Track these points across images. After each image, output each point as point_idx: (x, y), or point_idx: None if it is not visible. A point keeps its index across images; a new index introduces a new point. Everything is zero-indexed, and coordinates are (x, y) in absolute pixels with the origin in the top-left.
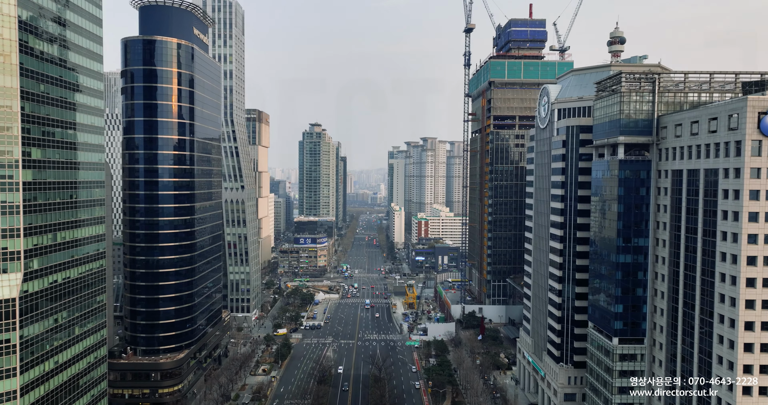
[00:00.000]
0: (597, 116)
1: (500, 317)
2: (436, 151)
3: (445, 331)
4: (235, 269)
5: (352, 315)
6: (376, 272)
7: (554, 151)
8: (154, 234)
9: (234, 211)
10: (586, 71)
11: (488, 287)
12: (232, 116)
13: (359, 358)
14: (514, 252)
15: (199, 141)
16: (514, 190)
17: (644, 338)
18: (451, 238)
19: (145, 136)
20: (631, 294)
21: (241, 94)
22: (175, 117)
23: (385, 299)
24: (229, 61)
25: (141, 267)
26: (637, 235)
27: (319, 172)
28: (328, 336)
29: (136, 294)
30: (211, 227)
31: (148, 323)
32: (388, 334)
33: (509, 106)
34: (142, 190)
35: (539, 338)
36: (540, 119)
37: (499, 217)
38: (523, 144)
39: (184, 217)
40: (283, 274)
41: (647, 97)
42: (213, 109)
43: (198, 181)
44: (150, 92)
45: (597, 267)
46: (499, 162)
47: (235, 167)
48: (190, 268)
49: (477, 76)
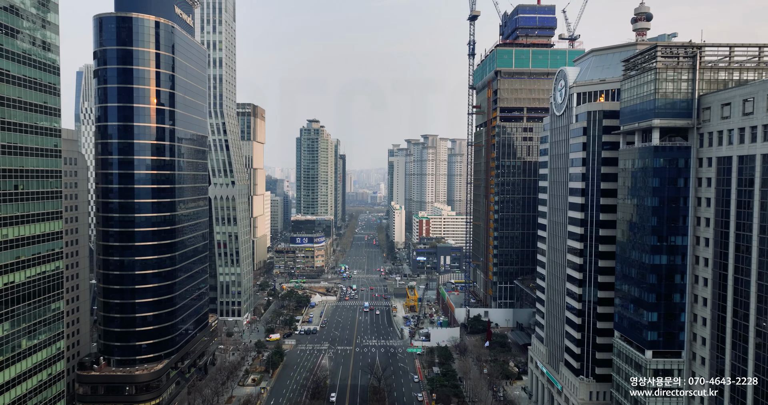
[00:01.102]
0: (625, 98)
1: (507, 321)
2: (438, 149)
3: (448, 337)
4: (225, 270)
5: (350, 318)
6: (376, 273)
7: (573, 140)
8: (130, 232)
9: (224, 208)
10: (609, 51)
11: (494, 289)
12: (221, 107)
13: (357, 366)
14: (521, 252)
15: (181, 130)
16: (522, 186)
17: (682, 351)
18: (453, 237)
19: (119, 124)
20: (667, 300)
21: (231, 84)
22: (153, 103)
23: (385, 302)
24: (218, 49)
25: (115, 268)
26: (674, 233)
27: (317, 170)
28: (324, 342)
29: (110, 298)
30: (195, 225)
31: (123, 331)
32: (388, 340)
33: (517, 96)
34: (116, 183)
35: (555, 347)
36: (555, 106)
37: (505, 215)
38: (532, 137)
39: (163, 213)
40: (279, 274)
41: (686, 75)
42: (198, 97)
43: (180, 174)
44: (125, 75)
45: (625, 269)
46: (505, 156)
47: (225, 161)
48: (171, 269)
49: (482, 66)
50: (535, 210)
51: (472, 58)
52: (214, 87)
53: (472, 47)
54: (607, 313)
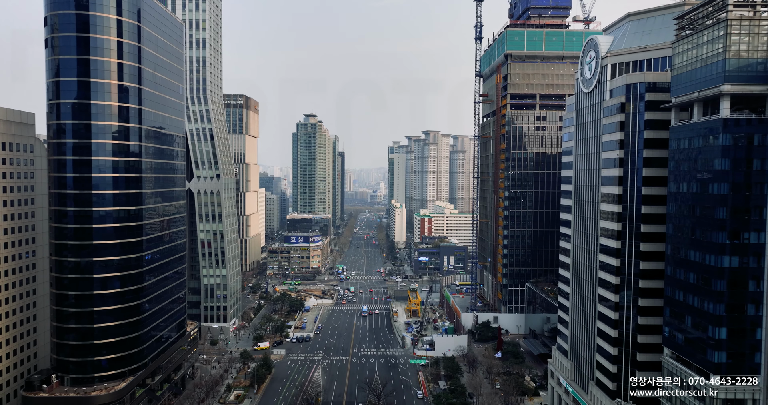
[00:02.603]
0: (679, 64)
1: (518, 327)
2: (439, 145)
3: (455, 346)
4: (210, 272)
5: (347, 324)
6: (376, 274)
7: (606, 120)
8: (87, 228)
9: (207, 203)
10: (650, 14)
11: (504, 292)
12: (205, 93)
13: (354, 379)
14: (534, 252)
15: (151, 112)
16: (535, 180)
17: (757, 377)
18: (456, 236)
19: (75, 101)
20: (738, 313)
21: (217, 69)
22: (114, 78)
23: (385, 305)
24: (201, 28)
25: (71, 271)
26: (748, 228)
27: (314, 166)
28: (318, 351)
29: (65, 306)
30: (170, 221)
31: (80, 344)
32: (388, 348)
33: (528, 82)
34: (70, 171)
35: (582, 362)
36: (583, 82)
37: (516, 211)
38: (545, 127)
39: (128, 207)
40: (272, 276)
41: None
42: (173, 76)
43: (150, 163)
44: (81, 45)
45: (680, 273)
46: (516, 148)
47: (210, 152)
48: (138, 272)
49: (490, 50)
50: (549, 205)
51: (479, 42)
52: (197, 70)
53: (479, 30)
54: (651, 325)
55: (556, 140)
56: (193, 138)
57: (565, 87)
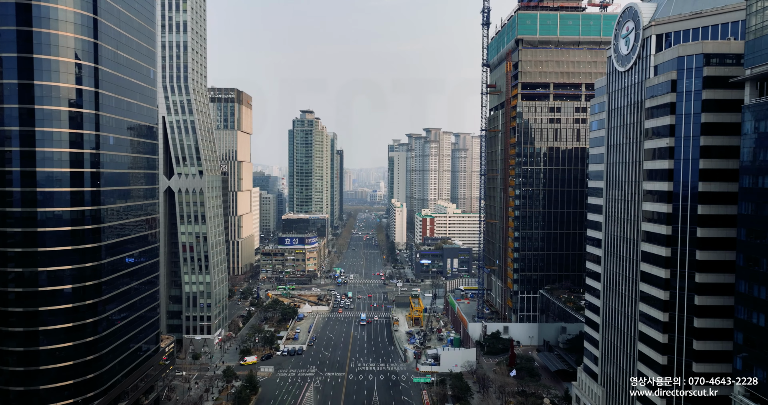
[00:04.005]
0: (757, 26)
1: (531, 338)
2: (441, 143)
3: (462, 361)
4: (192, 279)
5: (343, 334)
6: (375, 278)
7: (651, 101)
8: (31, 233)
9: (189, 203)
10: None
11: (514, 300)
12: (186, 81)
13: (350, 401)
14: (547, 255)
15: (112, 97)
16: (549, 177)
17: None
18: (460, 237)
19: (16, 82)
20: None
21: (200, 55)
22: (65, 54)
23: (385, 313)
24: (182, 10)
25: (13, 283)
26: None
27: (311, 165)
28: (311, 366)
29: (6, 325)
30: (139, 223)
31: (24, 370)
32: (388, 363)
33: (542, 70)
34: (14, 164)
35: (618, 390)
36: (618, 59)
37: (528, 211)
38: (560, 118)
39: (83, 207)
40: (266, 280)
41: None
42: (140, 56)
43: (111, 156)
44: (22, 14)
45: (758, 290)
46: (529, 142)
47: (192, 147)
48: (95, 283)
49: (499, 36)
50: (565, 205)
51: (486, 28)
52: (177, 56)
53: (486, 15)
54: (711, 351)
55: (572, 133)
56: (173, 131)
57: (581, 75)
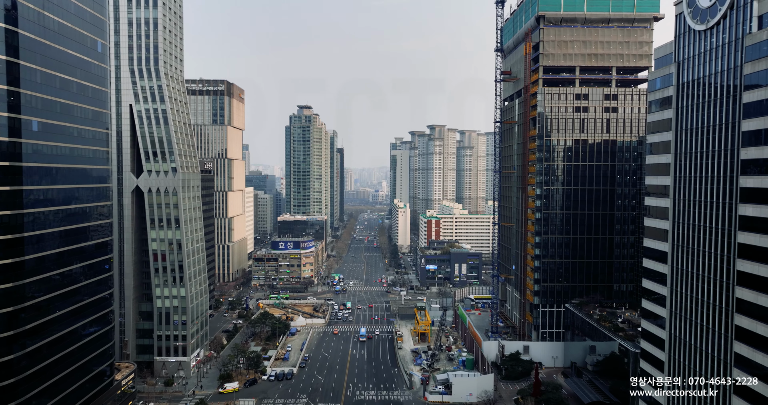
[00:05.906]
0: None
1: (555, 359)
2: (445, 141)
3: (478, 390)
4: (165, 292)
5: (340, 353)
6: (376, 284)
7: (751, 65)
8: None
9: (161, 205)
10: None
11: (535, 314)
12: (156, 64)
13: None
14: (573, 264)
15: (38, 71)
16: (575, 174)
17: None
18: (468, 240)
19: None
20: None
21: (175, 36)
22: None
23: (388, 326)
24: None
25: None
26: None
27: (310, 163)
28: (301, 395)
29: None
30: (80, 231)
31: None
32: (391, 391)
33: (566, 52)
34: None
35: None
36: (694, 14)
37: (552, 213)
38: (587, 107)
39: None
40: (258, 287)
41: None
42: (81, 23)
43: (39, 146)
44: None
45: None
46: (552, 134)
47: (163, 140)
48: (10, 311)
49: (515, 16)
50: (593, 206)
51: (500, 6)
52: (145, 35)
53: None
54: None
55: (600, 124)
56: (141, 122)
57: (612, 57)
